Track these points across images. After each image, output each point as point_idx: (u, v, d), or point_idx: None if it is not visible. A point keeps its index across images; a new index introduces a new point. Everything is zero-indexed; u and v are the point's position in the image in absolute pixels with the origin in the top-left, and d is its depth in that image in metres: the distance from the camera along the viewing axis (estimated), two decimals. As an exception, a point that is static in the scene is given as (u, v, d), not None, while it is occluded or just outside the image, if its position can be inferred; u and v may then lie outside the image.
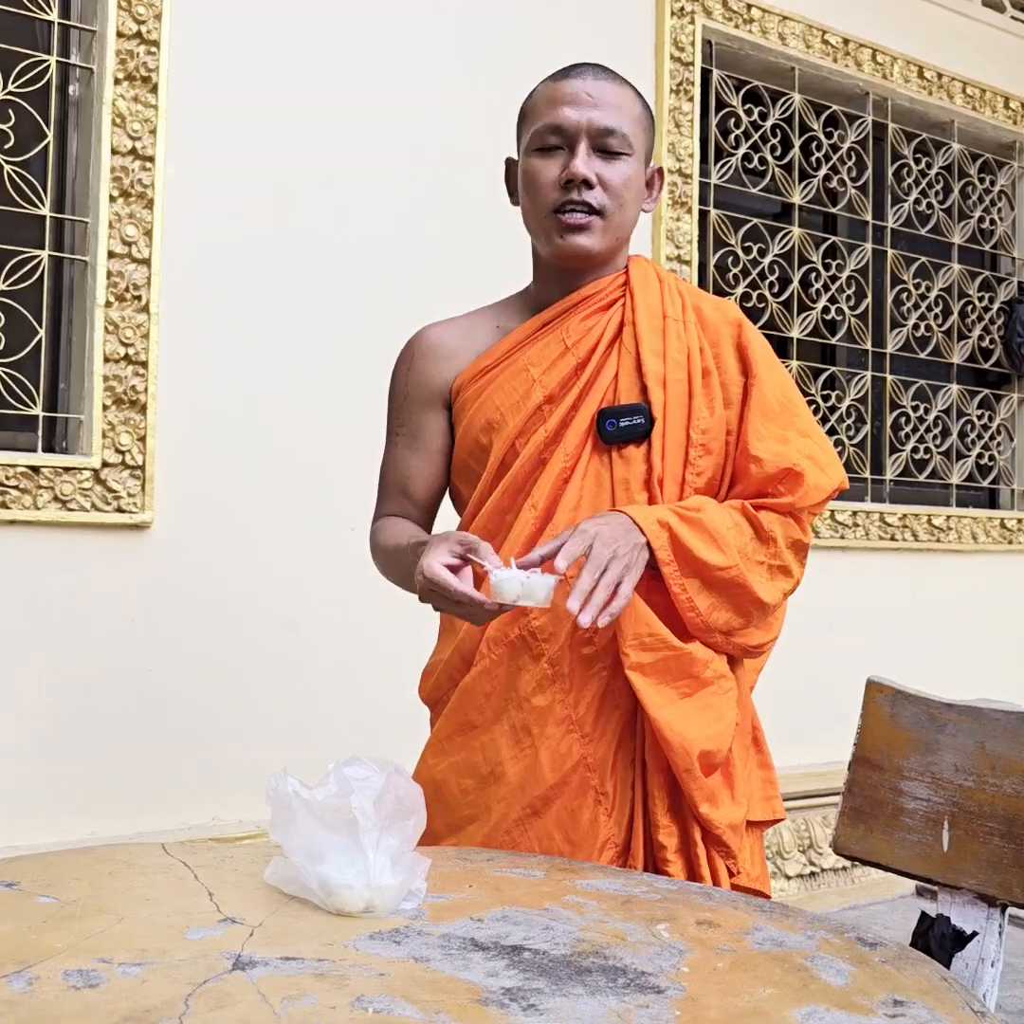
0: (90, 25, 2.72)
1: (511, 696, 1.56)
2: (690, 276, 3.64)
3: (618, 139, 1.60)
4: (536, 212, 1.64)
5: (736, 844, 1.57)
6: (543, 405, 1.62)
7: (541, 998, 0.93)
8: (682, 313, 1.65)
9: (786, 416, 1.62)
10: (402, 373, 1.74)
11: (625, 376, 1.61)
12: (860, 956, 1.09)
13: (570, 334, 1.64)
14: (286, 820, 1.18)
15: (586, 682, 1.55)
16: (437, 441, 1.72)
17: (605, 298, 1.66)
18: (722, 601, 1.54)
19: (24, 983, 0.92)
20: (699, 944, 1.09)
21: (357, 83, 3.05)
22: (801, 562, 1.62)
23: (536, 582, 1.41)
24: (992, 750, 1.43)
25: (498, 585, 1.40)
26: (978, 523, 4.40)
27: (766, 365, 1.65)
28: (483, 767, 1.57)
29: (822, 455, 1.64)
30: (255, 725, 2.84)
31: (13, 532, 2.57)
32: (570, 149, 1.60)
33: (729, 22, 3.77)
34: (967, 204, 4.55)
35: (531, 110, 1.66)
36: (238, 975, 0.95)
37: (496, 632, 1.58)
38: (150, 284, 2.71)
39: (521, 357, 1.65)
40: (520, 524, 1.60)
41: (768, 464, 1.58)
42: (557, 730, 1.54)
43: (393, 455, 1.75)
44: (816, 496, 1.61)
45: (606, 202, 1.60)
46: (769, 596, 1.56)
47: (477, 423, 1.66)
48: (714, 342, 1.65)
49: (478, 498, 1.66)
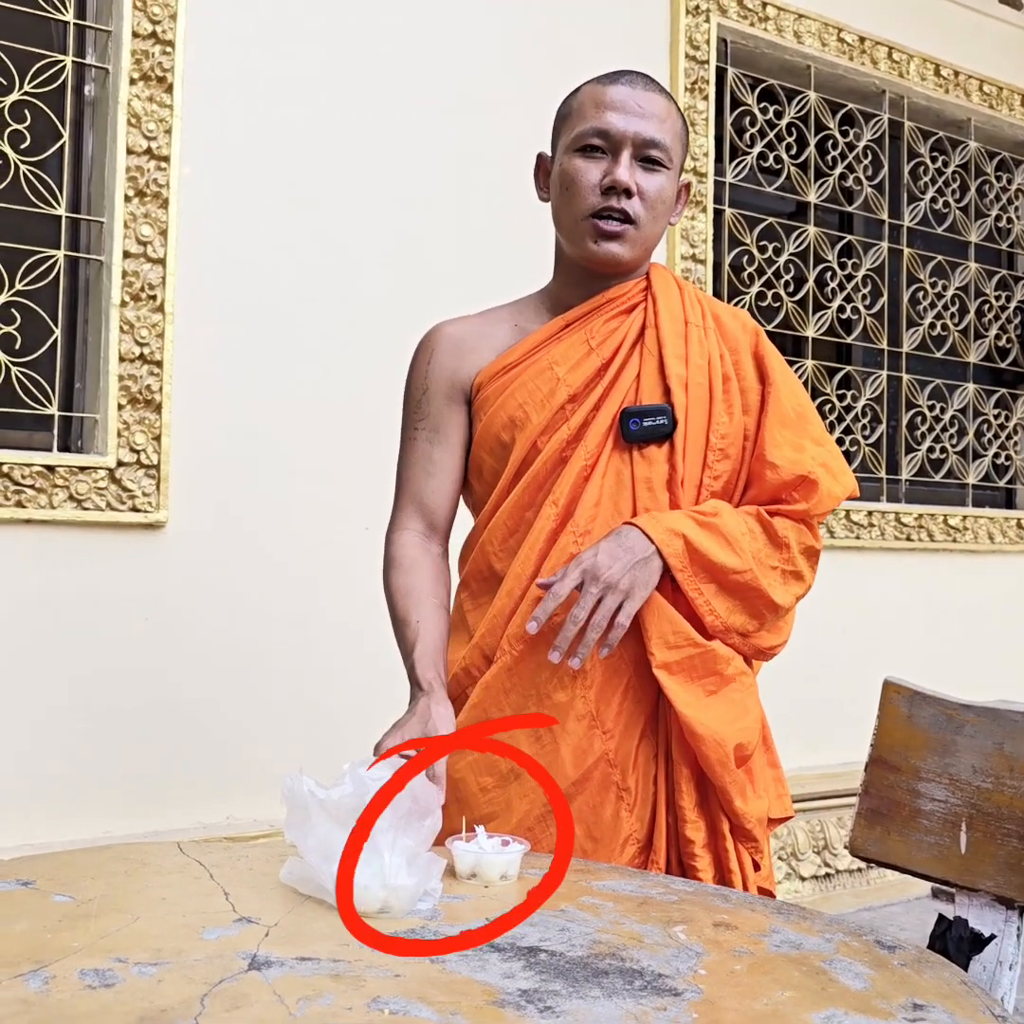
0: (105, 25, 2.73)
1: (531, 693, 1.57)
2: (705, 275, 3.63)
3: (660, 152, 1.63)
4: (571, 213, 1.65)
5: (762, 838, 1.60)
6: (567, 404, 1.64)
7: (558, 1000, 0.92)
8: (702, 320, 1.68)
9: (801, 424, 1.66)
10: (421, 367, 1.74)
11: (648, 377, 1.63)
12: (879, 959, 1.08)
13: (594, 335, 1.66)
14: (302, 820, 1.18)
15: (607, 678, 1.56)
16: (459, 434, 1.72)
17: (627, 301, 1.68)
18: (737, 604, 1.58)
19: (40, 982, 0.92)
20: (716, 946, 1.09)
21: (371, 82, 3.04)
22: (813, 567, 1.66)
23: (490, 862, 1.27)
24: (1010, 751, 1.42)
25: (453, 856, 1.30)
26: (994, 523, 4.37)
27: (782, 373, 1.68)
28: (503, 764, 1.57)
29: (834, 463, 1.67)
30: (269, 724, 2.84)
31: (28, 531, 2.57)
32: (613, 155, 1.62)
33: (744, 20, 3.76)
34: (984, 202, 4.53)
35: (576, 110, 1.66)
36: (254, 975, 0.95)
37: (517, 629, 1.58)
38: (165, 284, 2.71)
39: (545, 356, 1.66)
40: (541, 520, 1.61)
41: (784, 471, 1.61)
42: (578, 726, 1.56)
43: (412, 451, 1.73)
44: (829, 504, 1.64)
45: (641, 212, 1.63)
46: (782, 599, 1.60)
47: (499, 420, 1.66)
48: (733, 349, 1.68)
49: (497, 496, 1.66)
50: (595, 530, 1.60)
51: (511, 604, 1.60)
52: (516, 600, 1.60)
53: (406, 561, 1.67)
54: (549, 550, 1.60)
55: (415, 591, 1.64)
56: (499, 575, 1.64)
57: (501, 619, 1.61)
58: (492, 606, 1.63)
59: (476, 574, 1.70)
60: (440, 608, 1.64)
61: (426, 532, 1.70)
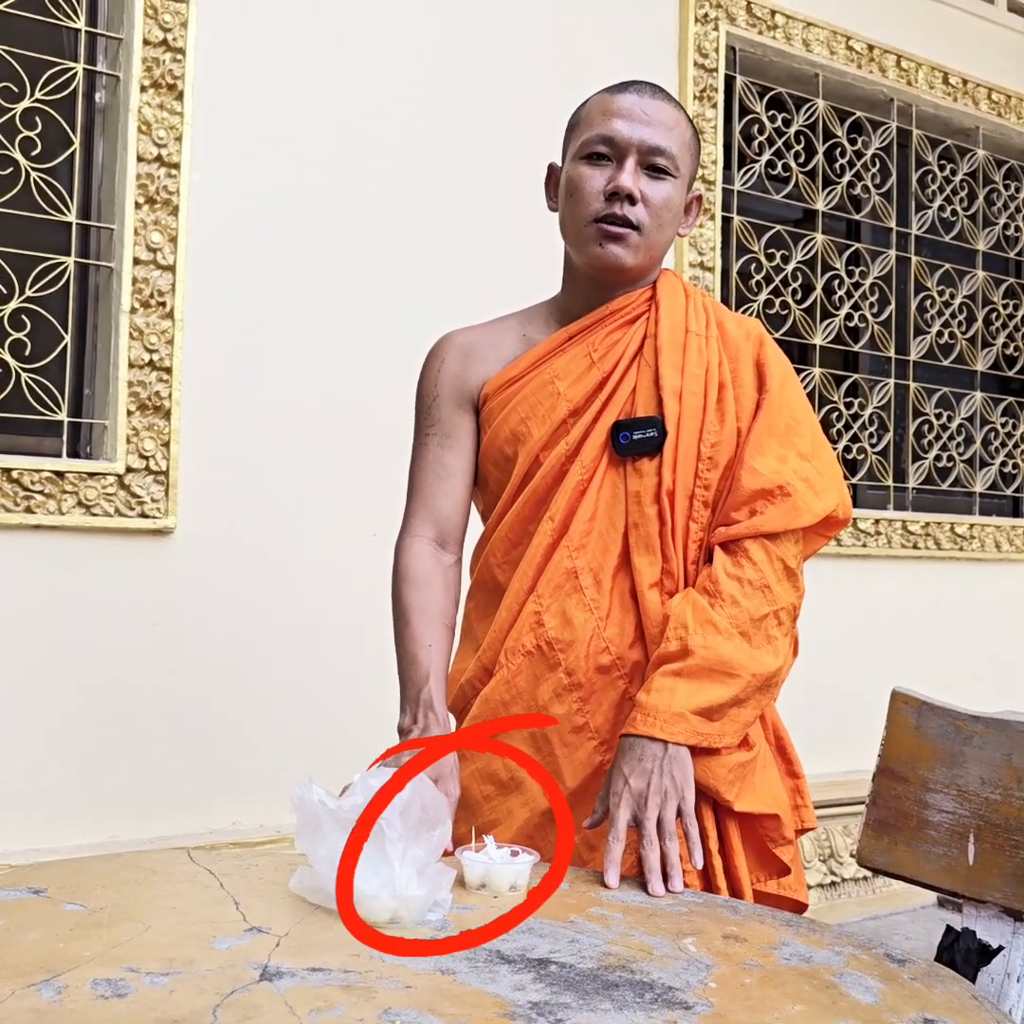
0: (116, 33, 2.74)
1: (530, 705, 1.58)
2: (713, 283, 3.63)
3: (666, 159, 1.61)
4: (576, 219, 1.64)
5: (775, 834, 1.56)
6: (567, 419, 1.63)
7: (568, 1013, 0.92)
8: (705, 328, 1.65)
9: (789, 436, 1.61)
10: (432, 373, 1.74)
11: (643, 390, 1.62)
12: (889, 973, 1.08)
13: (596, 348, 1.65)
14: (312, 829, 1.18)
15: (604, 690, 1.56)
16: (469, 440, 1.71)
17: (631, 312, 1.67)
18: (751, 708, 1.52)
19: (53, 992, 0.93)
20: (726, 959, 1.09)
21: (380, 89, 3.05)
22: (795, 585, 1.58)
23: (500, 873, 1.27)
24: (1019, 763, 1.42)
25: (463, 866, 1.31)
26: (1001, 532, 4.37)
27: (780, 382, 1.64)
28: (503, 773, 1.58)
29: (819, 480, 1.60)
30: (276, 730, 2.85)
31: (38, 537, 2.58)
32: (618, 162, 1.61)
33: (753, 28, 3.77)
34: (992, 211, 4.53)
35: (583, 119, 1.66)
36: (265, 986, 0.95)
37: (514, 643, 1.59)
38: (175, 290, 2.72)
39: (547, 369, 1.66)
40: (539, 535, 1.61)
41: (761, 478, 1.56)
42: (576, 738, 1.56)
43: (423, 456, 1.72)
44: (807, 519, 1.57)
45: (646, 219, 1.61)
46: (774, 661, 1.53)
47: (502, 434, 1.67)
48: (733, 357, 1.65)
49: (501, 508, 1.67)
50: (589, 544, 1.59)
51: (510, 619, 1.61)
52: (514, 615, 1.61)
53: (420, 575, 1.65)
54: (546, 565, 1.60)
55: (429, 609, 1.62)
56: (502, 587, 1.65)
57: (500, 633, 1.61)
58: (495, 620, 1.63)
59: (481, 584, 1.70)
60: (448, 631, 1.63)
61: (438, 539, 1.69)
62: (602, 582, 1.58)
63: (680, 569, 1.57)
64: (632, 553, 1.58)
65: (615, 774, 1.46)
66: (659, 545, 1.57)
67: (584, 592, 1.58)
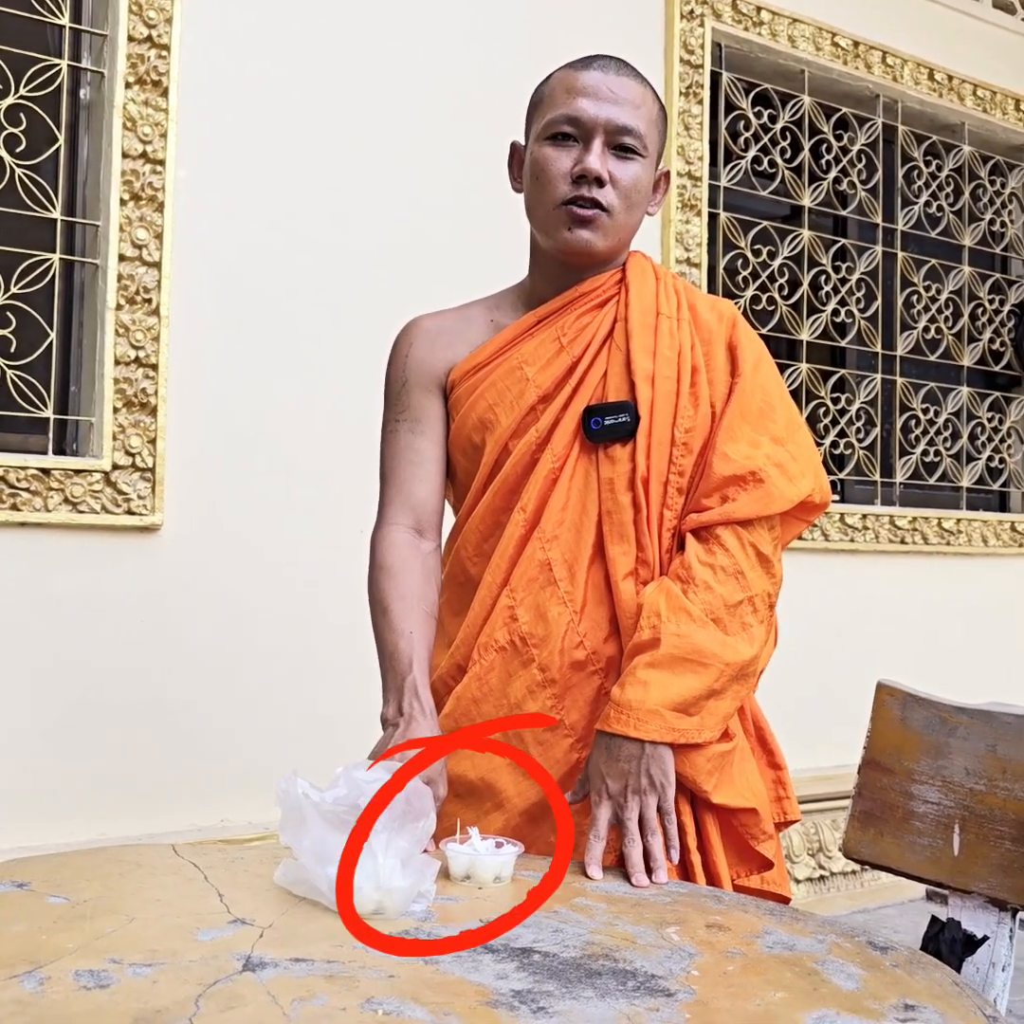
0: (101, 29, 2.73)
1: (503, 703, 1.54)
2: (700, 279, 3.64)
3: (633, 139, 1.57)
4: (543, 203, 1.59)
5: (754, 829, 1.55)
6: (537, 405, 1.59)
7: (551, 1000, 0.93)
8: (676, 311, 1.61)
9: (762, 420, 1.57)
10: (399, 359, 1.70)
11: (614, 374, 1.58)
12: (871, 960, 1.09)
13: (566, 332, 1.60)
14: (296, 822, 1.18)
15: (579, 686, 1.53)
16: (439, 426, 1.67)
17: (601, 295, 1.63)
18: (731, 698, 1.49)
19: (35, 983, 0.92)
20: (709, 947, 1.09)
21: (367, 87, 3.05)
22: (769, 572, 1.54)
23: (484, 864, 1.28)
24: (1003, 754, 1.42)
25: (447, 857, 1.31)
26: (988, 526, 4.38)
27: (753, 365, 1.60)
28: (471, 773, 1.53)
29: (792, 465, 1.55)
30: (264, 726, 2.84)
31: (24, 534, 2.57)
32: (584, 143, 1.56)
33: (739, 25, 3.77)
34: (977, 206, 4.54)
35: (547, 97, 1.60)
36: (248, 976, 0.95)
37: (487, 638, 1.55)
38: (160, 287, 2.72)
39: (515, 354, 1.62)
40: (511, 527, 1.57)
41: (733, 464, 1.52)
42: (551, 736, 1.52)
43: (395, 443, 1.68)
44: (780, 505, 1.53)
45: (615, 201, 1.57)
46: (749, 650, 1.50)
47: (470, 421, 1.63)
48: (706, 340, 1.61)
49: (471, 499, 1.63)
50: (562, 535, 1.55)
51: (483, 614, 1.57)
52: (488, 609, 1.57)
53: (397, 563, 1.60)
54: (518, 557, 1.56)
55: (408, 596, 1.58)
56: (475, 580, 1.60)
57: (474, 628, 1.57)
58: (467, 615, 1.59)
59: (453, 579, 1.66)
60: (429, 619, 1.59)
61: (416, 527, 1.64)
62: (576, 574, 1.54)
63: (655, 558, 1.53)
64: (606, 542, 1.53)
65: (592, 772, 1.45)
66: (634, 533, 1.53)
67: (558, 584, 1.53)
